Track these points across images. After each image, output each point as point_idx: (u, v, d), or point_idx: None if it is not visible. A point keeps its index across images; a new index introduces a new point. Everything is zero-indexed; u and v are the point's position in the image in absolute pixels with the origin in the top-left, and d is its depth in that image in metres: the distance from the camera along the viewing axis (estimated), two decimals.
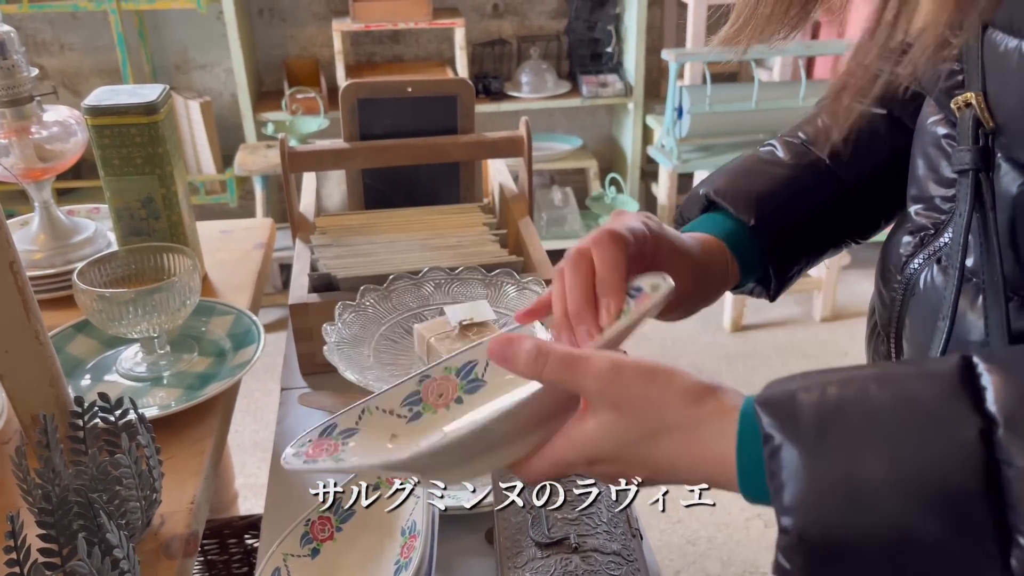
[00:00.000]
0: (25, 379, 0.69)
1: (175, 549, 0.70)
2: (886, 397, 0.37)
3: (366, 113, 1.18)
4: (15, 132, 1.01)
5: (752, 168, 0.65)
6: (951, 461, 0.35)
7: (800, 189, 0.63)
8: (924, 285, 0.54)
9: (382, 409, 0.60)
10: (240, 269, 1.16)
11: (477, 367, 0.63)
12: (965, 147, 0.48)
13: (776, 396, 0.40)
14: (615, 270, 0.51)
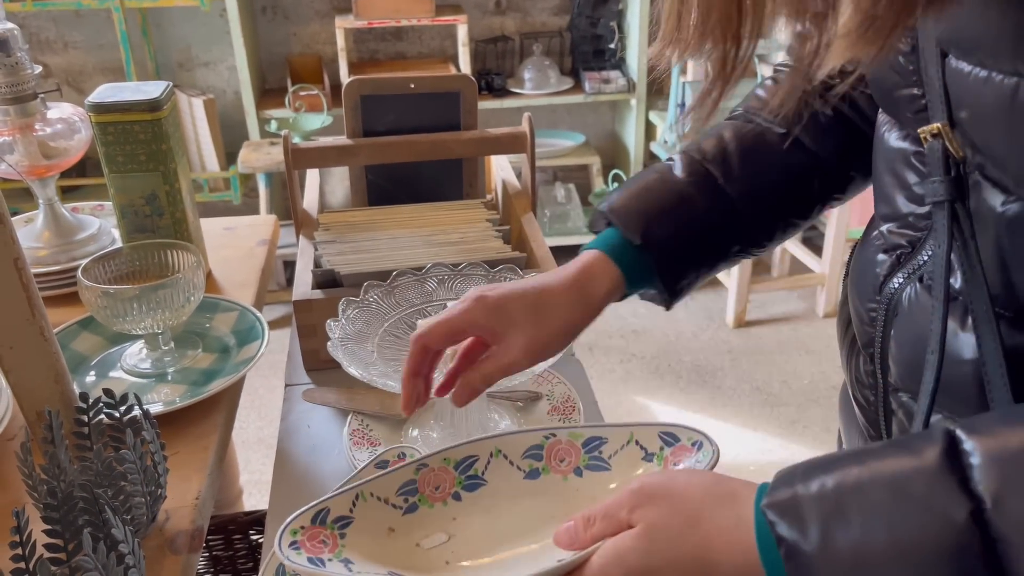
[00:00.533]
0: (30, 375, 0.69)
1: (180, 544, 0.71)
2: (878, 483, 0.40)
3: (369, 110, 1.18)
4: (19, 129, 1.01)
5: (647, 185, 0.68)
6: (948, 543, 0.37)
7: (690, 207, 0.65)
8: (908, 304, 0.53)
9: (376, 496, 0.59)
10: (244, 266, 1.16)
11: (477, 463, 0.62)
12: (938, 178, 0.48)
13: (781, 498, 0.43)
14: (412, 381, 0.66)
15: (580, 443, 0.61)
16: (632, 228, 0.66)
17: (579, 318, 0.66)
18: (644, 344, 2.72)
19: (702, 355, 2.65)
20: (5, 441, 0.82)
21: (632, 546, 0.46)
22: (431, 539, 0.58)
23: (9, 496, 0.76)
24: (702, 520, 0.45)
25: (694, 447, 0.58)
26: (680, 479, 0.49)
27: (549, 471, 0.61)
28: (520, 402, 0.95)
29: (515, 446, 0.62)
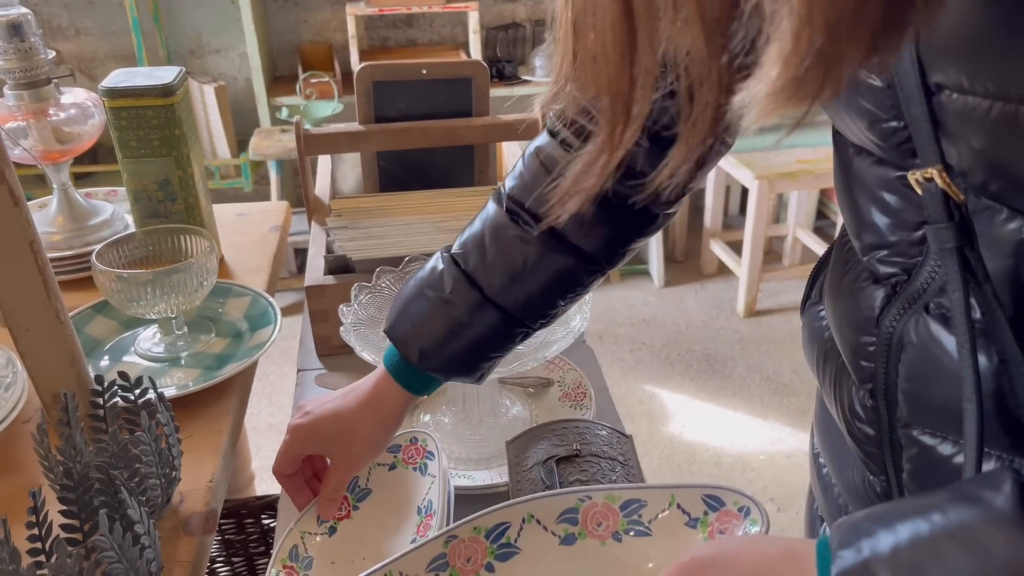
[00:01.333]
0: (46, 358, 0.69)
1: (194, 526, 0.71)
2: (955, 543, 0.38)
3: (381, 96, 1.18)
4: (33, 114, 1.01)
5: (419, 308, 0.70)
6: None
7: (460, 324, 0.68)
8: (916, 337, 0.49)
9: (405, 575, 0.56)
10: (256, 252, 1.17)
11: (509, 530, 0.59)
12: (942, 224, 0.43)
13: (851, 565, 0.40)
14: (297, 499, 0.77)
15: (618, 506, 0.59)
16: (410, 351, 0.69)
17: (380, 433, 0.73)
18: (654, 333, 2.72)
19: (712, 344, 2.65)
20: (20, 424, 0.83)
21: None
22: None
23: (25, 478, 0.76)
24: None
25: (741, 512, 0.55)
26: (730, 544, 0.46)
27: (586, 536, 0.59)
28: (532, 388, 0.95)
29: (549, 510, 0.59)
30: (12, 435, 0.80)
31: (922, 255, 0.48)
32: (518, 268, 0.66)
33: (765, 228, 2.64)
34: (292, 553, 0.71)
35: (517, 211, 0.67)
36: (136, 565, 0.59)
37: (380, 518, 0.75)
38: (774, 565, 0.43)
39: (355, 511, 0.76)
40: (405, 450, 0.77)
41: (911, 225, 0.48)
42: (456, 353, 0.69)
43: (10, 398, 0.79)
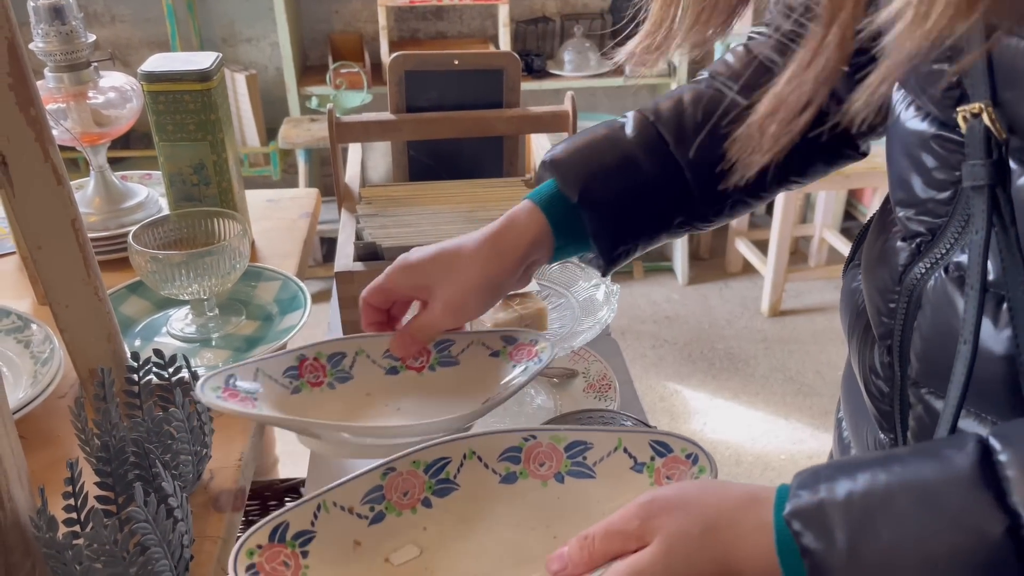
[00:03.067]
0: (84, 334, 0.71)
1: (224, 503, 0.73)
2: (909, 494, 0.39)
3: (413, 85, 1.19)
4: (73, 97, 1.03)
5: (594, 142, 0.65)
6: (984, 561, 0.36)
7: (634, 170, 0.62)
8: (932, 296, 0.50)
9: (340, 506, 0.54)
10: (286, 237, 1.18)
11: (449, 466, 0.57)
12: (978, 161, 0.44)
13: (806, 506, 0.41)
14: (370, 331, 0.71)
15: (562, 447, 0.58)
16: (570, 183, 0.62)
17: (493, 275, 0.64)
18: (677, 330, 2.71)
19: (735, 343, 2.64)
20: (56, 399, 0.84)
21: (651, 561, 0.44)
22: (401, 553, 0.54)
23: (61, 450, 0.78)
24: (720, 527, 0.43)
25: (688, 459, 0.55)
26: (693, 487, 0.46)
27: (528, 475, 0.58)
28: (556, 379, 0.95)
29: (491, 447, 0.58)
30: (49, 409, 0.82)
31: (948, 216, 0.49)
32: (717, 128, 0.60)
33: (792, 228, 2.63)
34: (334, 359, 0.70)
35: (724, 88, 0.64)
36: (169, 537, 0.60)
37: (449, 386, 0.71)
38: (734, 509, 0.44)
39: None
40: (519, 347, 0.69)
41: (940, 184, 0.49)
42: (619, 194, 0.62)
43: (47, 373, 0.81)
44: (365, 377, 0.69)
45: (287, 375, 0.67)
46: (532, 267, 0.66)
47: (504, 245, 0.64)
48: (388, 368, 0.69)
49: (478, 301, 0.65)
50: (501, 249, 0.64)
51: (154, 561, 0.59)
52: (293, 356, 0.67)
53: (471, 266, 0.64)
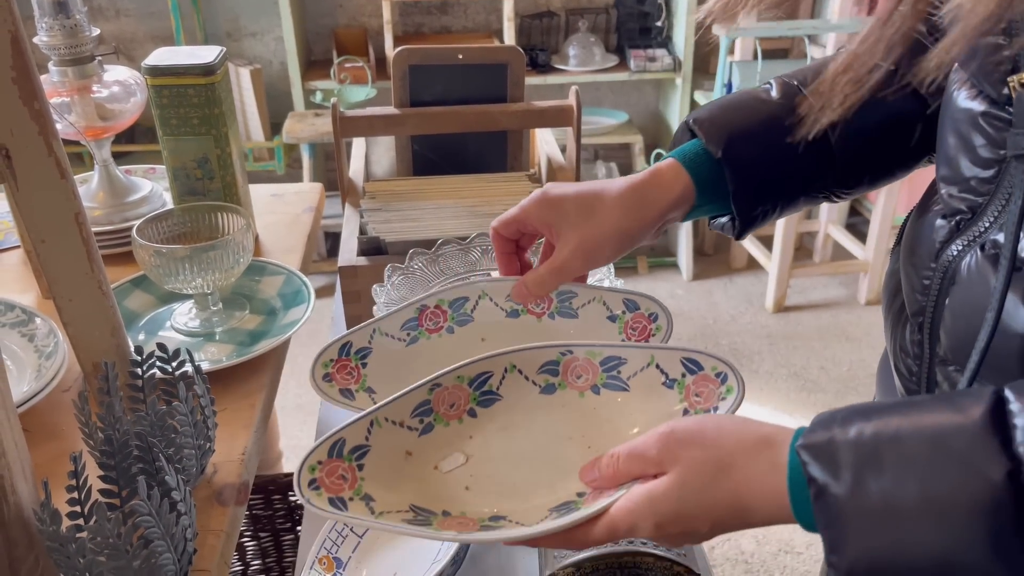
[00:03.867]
0: (88, 328, 0.71)
1: (227, 497, 0.73)
2: (918, 435, 0.40)
3: (417, 80, 1.18)
4: (77, 90, 1.03)
5: (738, 102, 0.65)
6: (982, 501, 0.37)
7: (780, 130, 0.61)
8: (966, 274, 0.51)
9: (391, 420, 0.58)
10: (290, 232, 1.18)
11: (492, 379, 0.60)
12: (1020, 131, 0.45)
13: (817, 440, 0.42)
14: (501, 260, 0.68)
15: (598, 361, 0.60)
16: (715, 140, 0.62)
17: (632, 224, 0.63)
18: (681, 326, 2.71)
19: (740, 338, 2.64)
20: (60, 392, 0.85)
21: (664, 492, 0.46)
22: (449, 460, 0.58)
23: (65, 444, 0.78)
24: (735, 466, 0.45)
25: (718, 378, 0.56)
26: (711, 423, 0.48)
27: (566, 387, 0.61)
28: None
29: (530, 361, 0.61)
30: (52, 403, 0.82)
31: (990, 194, 0.49)
32: None
33: (796, 224, 2.62)
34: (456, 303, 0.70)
35: None
36: (172, 531, 0.60)
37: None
38: (750, 450, 0.45)
39: None
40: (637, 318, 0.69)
41: (985, 162, 0.50)
42: (762, 152, 0.62)
43: (51, 367, 0.81)
44: (485, 320, 0.69)
45: (405, 328, 0.68)
46: (666, 224, 0.66)
47: (648, 197, 0.63)
48: (509, 311, 0.69)
49: (611, 249, 0.63)
50: (644, 201, 0.63)
51: (157, 554, 0.59)
52: (413, 308, 0.68)
53: (612, 212, 0.62)
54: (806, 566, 1.86)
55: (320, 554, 0.71)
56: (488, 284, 0.68)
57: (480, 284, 0.68)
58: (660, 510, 0.46)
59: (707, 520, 0.46)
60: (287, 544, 1.34)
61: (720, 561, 1.89)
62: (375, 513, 0.52)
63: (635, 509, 0.47)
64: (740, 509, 0.45)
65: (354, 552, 0.73)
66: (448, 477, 0.57)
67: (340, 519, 0.52)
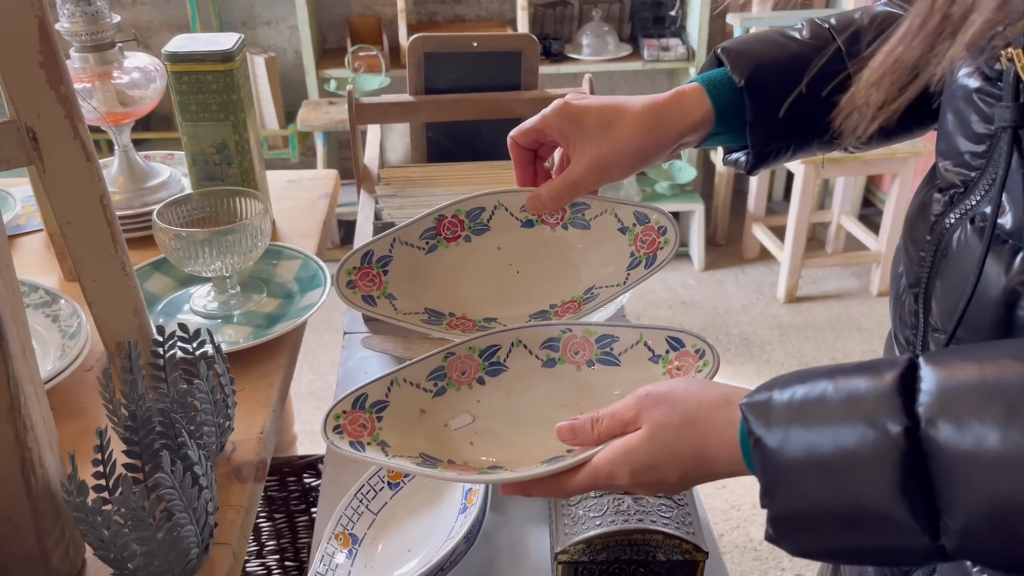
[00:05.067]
0: (111, 308, 0.73)
1: (246, 473, 0.74)
2: (838, 396, 0.44)
3: (432, 67, 1.20)
4: (98, 76, 1.05)
5: (766, 37, 0.66)
6: (884, 453, 0.42)
7: (804, 65, 0.61)
8: (957, 245, 0.53)
9: (409, 382, 0.65)
10: (306, 217, 1.19)
11: (500, 351, 0.67)
12: (1007, 104, 0.47)
13: (758, 400, 0.48)
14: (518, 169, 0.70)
15: (594, 339, 0.66)
16: (739, 68, 0.63)
17: (648, 144, 0.64)
18: (692, 316, 2.72)
19: (751, 329, 2.64)
20: (83, 371, 0.87)
21: (638, 444, 0.52)
22: (458, 419, 0.65)
23: (88, 421, 0.80)
24: (698, 421, 0.50)
25: (697, 354, 0.62)
26: (680, 385, 0.53)
27: (564, 361, 0.67)
28: None
29: (534, 337, 0.67)
30: (76, 382, 0.84)
31: (981, 169, 0.51)
32: None
33: (809, 214, 2.62)
34: (473, 213, 0.72)
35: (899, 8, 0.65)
36: (194, 505, 0.62)
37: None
38: (711, 407, 0.51)
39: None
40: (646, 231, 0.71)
41: (979, 137, 0.51)
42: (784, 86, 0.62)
43: (75, 346, 0.83)
44: (501, 229, 0.71)
45: (424, 237, 0.70)
46: (681, 147, 0.67)
47: (667, 118, 0.64)
48: (524, 221, 0.71)
49: (626, 166, 0.65)
50: (663, 121, 0.64)
51: (180, 526, 0.61)
52: (431, 218, 0.70)
53: (630, 129, 0.64)
54: None
55: (336, 530, 0.73)
56: (504, 195, 0.70)
57: (496, 195, 0.70)
58: (635, 460, 0.52)
59: (676, 470, 0.51)
60: (301, 525, 1.36)
61: (729, 548, 1.91)
62: (388, 456, 0.59)
63: (613, 459, 0.52)
64: (703, 459, 0.50)
65: (369, 529, 0.74)
66: (455, 433, 0.64)
67: (358, 459, 0.58)
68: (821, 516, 0.44)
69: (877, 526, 0.42)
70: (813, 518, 0.44)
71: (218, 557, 0.66)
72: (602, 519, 0.64)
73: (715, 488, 2.04)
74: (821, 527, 0.44)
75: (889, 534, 0.42)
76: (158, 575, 0.62)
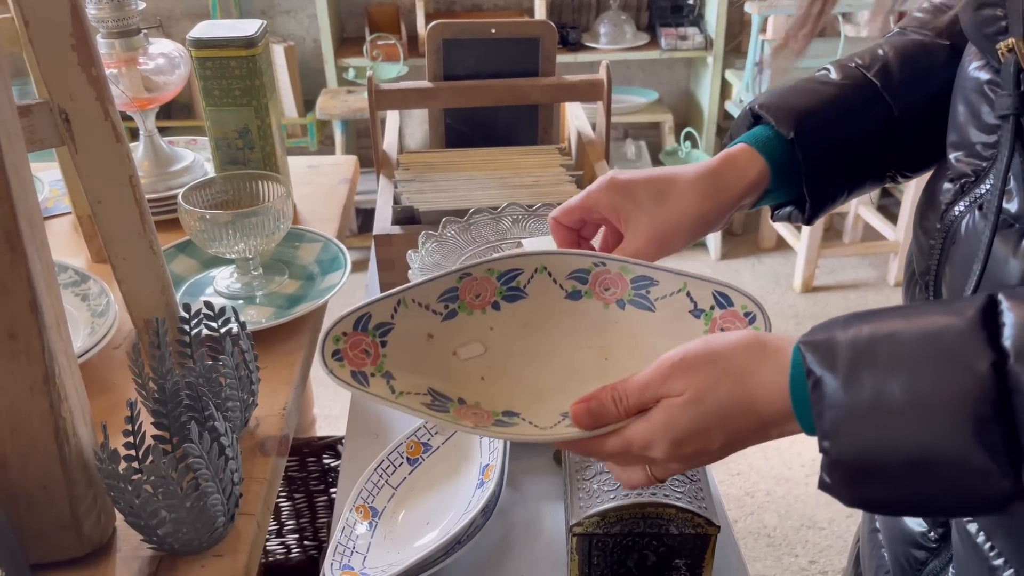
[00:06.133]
0: (140, 286, 0.75)
1: (269, 448, 0.76)
2: (912, 333, 0.42)
3: (450, 54, 1.21)
4: (124, 62, 1.07)
5: (801, 87, 0.65)
6: (966, 390, 0.39)
7: (847, 110, 0.62)
8: (965, 232, 0.53)
9: (418, 302, 0.58)
10: (326, 202, 1.21)
11: (521, 276, 0.60)
12: (1007, 92, 0.48)
13: (818, 338, 0.44)
14: None
15: (629, 278, 0.60)
16: (785, 121, 0.62)
17: (709, 208, 0.61)
18: None
19: None
20: (112, 349, 0.89)
21: (682, 411, 0.48)
22: (468, 348, 0.58)
23: (117, 397, 0.82)
24: (746, 375, 0.47)
25: (747, 317, 0.56)
26: (719, 341, 0.49)
27: (591, 296, 0.60)
28: None
29: (561, 265, 0.60)
30: (104, 359, 0.87)
31: (991, 159, 0.52)
32: (922, 68, 0.62)
33: None
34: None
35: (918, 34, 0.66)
36: (221, 475, 0.64)
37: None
38: (757, 356, 0.47)
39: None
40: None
41: (989, 128, 0.52)
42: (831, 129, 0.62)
43: (103, 324, 0.85)
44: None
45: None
46: (738, 210, 0.65)
47: (725, 180, 0.62)
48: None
49: (686, 235, 0.62)
50: (721, 184, 0.62)
51: (207, 495, 0.63)
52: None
53: (687, 196, 0.61)
54: (828, 541, 1.88)
55: (357, 503, 0.75)
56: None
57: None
58: (678, 428, 0.48)
59: (722, 433, 0.48)
60: (320, 505, 1.39)
61: (743, 535, 1.92)
62: (395, 392, 0.53)
63: (652, 427, 0.49)
64: (753, 415, 0.47)
65: (389, 502, 0.76)
66: (465, 365, 0.58)
67: (362, 394, 0.52)
68: (888, 461, 0.41)
69: (951, 470, 0.40)
70: (878, 463, 0.41)
71: (243, 526, 0.69)
72: (616, 493, 0.66)
73: (729, 475, 2.05)
74: (887, 473, 0.42)
75: (963, 478, 0.40)
76: (186, 542, 0.65)
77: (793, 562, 1.84)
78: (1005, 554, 0.52)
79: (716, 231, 0.65)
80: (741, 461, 2.09)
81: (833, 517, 1.93)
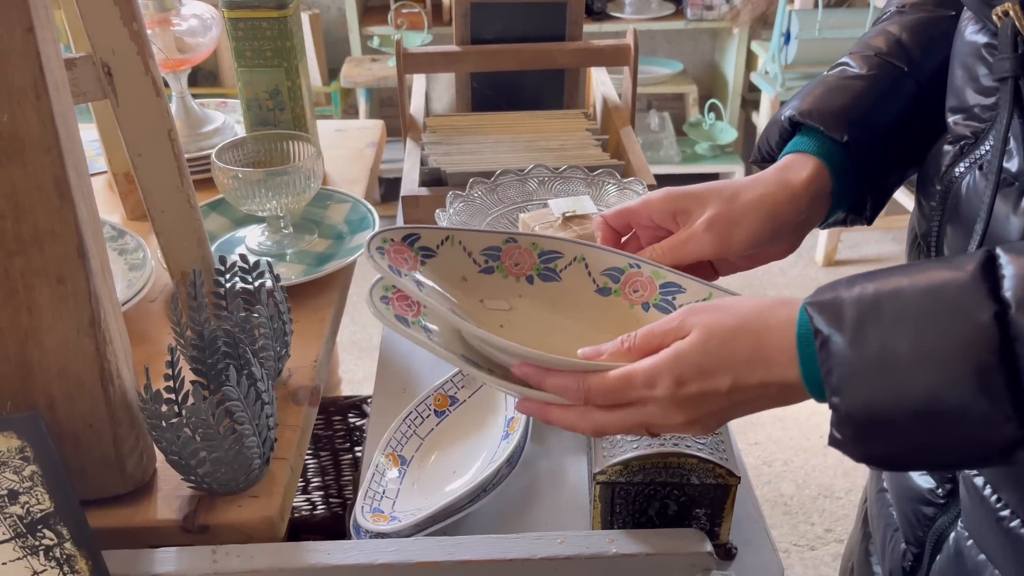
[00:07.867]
0: (178, 238, 0.77)
1: (302, 397, 0.79)
2: (915, 289, 0.43)
3: (478, 18, 1.22)
4: (158, 23, 1.09)
5: (831, 85, 0.65)
6: (969, 341, 0.41)
7: (881, 97, 0.63)
8: (966, 192, 0.54)
9: (463, 245, 0.61)
10: (354, 165, 1.23)
11: (559, 260, 0.63)
12: (1005, 55, 0.49)
13: (824, 298, 0.46)
14: None
15: (659, 283, 0.62)
16: (835, 126, 0.61)
17: (778, 201, 0.60)
18: (729, 278, 2.70)
19: (788, 291, 2.64)
20: (147, 303, 0.92)
21: (689, 347, 0.49)
22: (495, 301, 0.61)
23: (153, 348, 0.85)
24: (753, 320, 0.49)
25: None
26: (728, 299, 0.52)
27: (620, 295, 0.63)
28: None
29: (599, 260, 0.63)
30: (141, 312, 0.89)
31: (990, 120, 0.53)
32: (935, 37, 0.62)
33: None
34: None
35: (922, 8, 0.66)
36: (257, 419, 0.67)
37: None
38: (766, 308, 0.49)
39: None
40: None
41: (987, 91, 0.53)
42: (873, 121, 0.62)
43: (140, 278, 0.88)
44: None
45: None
46: (803, 226, 0.64)
47: (789, 173, 0.61)
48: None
49: (752, 225, 0.60)
50: (787, 177, 0.61)
51: (244, 437, 0.65)
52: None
53: (751, 189, 0.61)
54: (844, 510, 1.89)
55: (387, 451, 0.77)
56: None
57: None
58: (683, 362, 0.49)
59: (728, 374, 0.48)
60: (345, 463, 1.42)
61: (760, 503, 1.94)
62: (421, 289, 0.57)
63: (657, 364, 0.50)
64: (760, 362, 0.48)
65: (417, 452, 0.78)
66: (487, 312, 0.61)
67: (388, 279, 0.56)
68: (896, 413, 0.42)
69: (957, 419, 0.41)
70: (887, 416, 0.43)
71: (278, 470, 0.71)
72: (639, 442, 0.68)
73: (748, 444, 2.07)
74: (895, 426, 0.43)
75: (970, 426, 0.41)
76: (224, 482, 0.67)
77: (809, 530, 1.86)
78: (1012, 504, 0.53)
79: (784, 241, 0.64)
80: (760, 431, 2.11)
81: (851, 487, 1.94)
